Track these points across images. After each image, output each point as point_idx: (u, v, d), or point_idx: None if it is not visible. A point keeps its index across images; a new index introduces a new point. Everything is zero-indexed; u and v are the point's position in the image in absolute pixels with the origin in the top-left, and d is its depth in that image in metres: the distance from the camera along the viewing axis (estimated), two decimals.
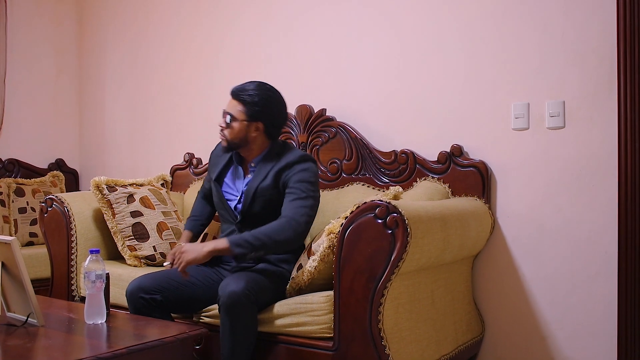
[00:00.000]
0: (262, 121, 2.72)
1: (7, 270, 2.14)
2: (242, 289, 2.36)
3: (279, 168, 2.67)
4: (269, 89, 2.75)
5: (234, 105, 2.72)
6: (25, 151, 4.81)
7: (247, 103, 2.69)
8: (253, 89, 2.71)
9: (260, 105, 2.70)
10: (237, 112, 2.70)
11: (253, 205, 2.69)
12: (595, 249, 2.78)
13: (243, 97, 2.70)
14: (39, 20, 4.89)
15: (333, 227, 2.39)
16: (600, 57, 2.76)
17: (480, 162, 3.01)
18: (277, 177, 2.67)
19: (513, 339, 2.99)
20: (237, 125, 2.70)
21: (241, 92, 2.71)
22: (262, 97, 2.70)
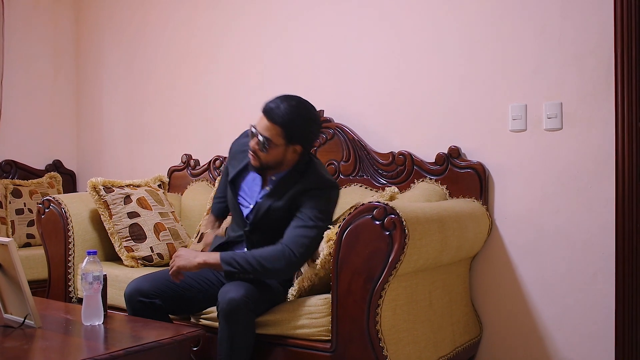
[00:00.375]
0: (301, 144, 2.53)
1: (5, 272, 2.14)
2: (242, 297, 2.35)
3: (297, 192, 2.51)
4: (305, 107, 2.52)
5: (269, 127, 2.46)
6: (23, 152, 4.80)
7: (286, 126, 2.46)
8: (290, 110, 2.46)
9: (300, 127, 2.49)
10: (274, 136, 2.46)
11: (263, 220, 2.58)
12: (593, 250, 2.79)
13: (281, 120, 2.45)
14: (37, 21, 4.89)
15: (332, 233, 2.38)
16: (598, 59, 2.76)
17: (477, 163, 3.01)
18: (293, 201, 2.52)
19: (511, 341, 2.99)
20: (274, 150, 2.50)
21: (278, 113, 2.45)
22: (301, 118, 2.48)
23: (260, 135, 2.48)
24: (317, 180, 2.55)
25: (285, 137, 2.48)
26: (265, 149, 2.48)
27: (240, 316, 2.35)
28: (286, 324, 2.44)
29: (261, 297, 2.45)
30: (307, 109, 2.52)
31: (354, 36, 3.49)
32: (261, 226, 2.60)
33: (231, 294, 2.36)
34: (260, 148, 2.49)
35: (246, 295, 2.36)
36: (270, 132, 2.47)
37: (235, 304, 2.34)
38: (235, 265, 2.44)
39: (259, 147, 2.50)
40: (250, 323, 2.41)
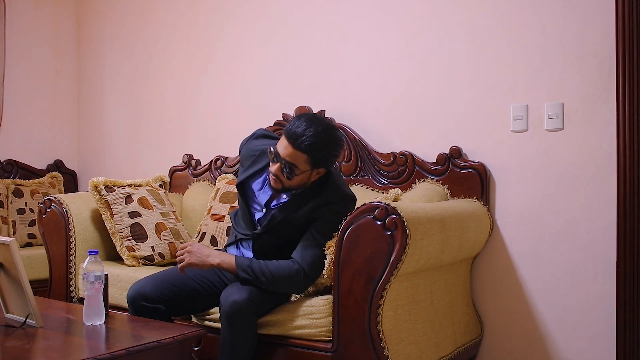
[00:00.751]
0: (325, 166, 2.48)
1: (6, 271, 2.14)
2: (244, 299, 2.34)
3: (316, 205, 2.46)
4: (331, 132, 2.42)
5: (295, 155, 2.37)
6: (24, 152, 4.81)
7: (313, 154, 2.38)
8: (317, 136, 2.35)
9: (326, 152, 2.41)
10: (300, 163, 2.38)
11: (276, 229, 2.53)
12: (594, 250, 2.79)
13: (308, 148, 2.35)
14: (38, 21, 4.89)
15: (333, 241, 2.38)
16: (599, 59, 2.76)
17: (479, 163, 3.01)
18: (311, 212, 2.46)
19: (512, 341, 2.99)
20: (299, 177, 2.43)
21: (305, 141, 2.35)
22: (328, 145, 2.40)
23: (285, 162, 2.39)
24: (335, 194, 2.49)
25: (311, 164, 2.41)
26: (290, 177, 2.41)
27: (242, 318, 2.35)
28: (287, 324, 2.44)
29: (264, 299, 2.45)
30: (332, 134, 2.42)
31: (355, 36, 3.49)
32: (271, 233, 2.55)
33: (234, 296, 2.35)
34: (286, 175, 2.41)
35: (249, 297, 2.36)
36: (297, 159, 2.38)
37: (238, 306, 2.34)
38: (251, 273, 2.42)
39: (283, 174, 2.41)
40: (252, 325, 2.41)
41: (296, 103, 3.61)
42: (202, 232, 3.40)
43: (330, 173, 2.54)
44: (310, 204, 2.47)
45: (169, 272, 2.66)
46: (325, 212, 2.44)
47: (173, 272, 2.65)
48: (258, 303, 2.40)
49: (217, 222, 3.36)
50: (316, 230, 2.44)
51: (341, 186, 2.54)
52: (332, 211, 2.43)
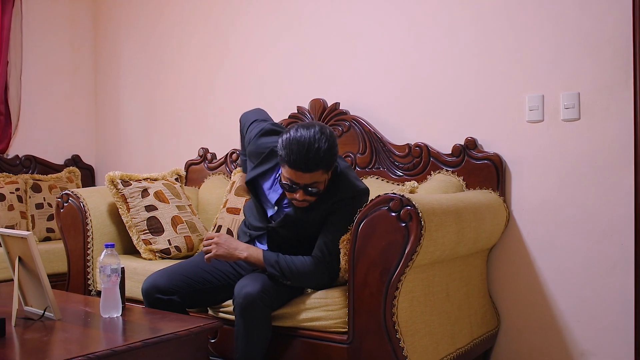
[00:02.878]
0: (335, 163, 2.46)
1: (24, 265, 2.16)
2: (258, 292, 2.35)
3: (330, 201, 2.45)
4: (325, 136, 2.36)
5: (312, 176, 2.34)
6: (42, 147, 4.84)
7: (325, 165, 2.36)
8: (319, 150, 2.31)
9: (332, 155, 2.38)
10: (319, 177, 2.37)
11: (291, 226, 2.53)
12: (611, 241, 2.76)
13: (320, 165, 2.34)
14: (54, 17, 4.92)
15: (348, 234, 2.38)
16: (616, 48, 2.73)
17: (494, 154, 3.00)
18: (326, 208, 2.46)
19: (528, 332, 2.98)
20: (321, 187, 2.41)
21: (313, 161, 2.32)
22: (330, 149, 2.35)
23: (306, 186, 2.37)
24: (349, 189, 2.48)
25: (326, 171, 2.39)
26: (317, 194, 2.41)
27: (256, 311, 2.36)
28: (302, 316, 2.45)
29: (278, 291, 2.46)
30: (327, 134, 2.37)
31: (369, 28, 3.48)
32: (286, 229, 2.55)
33: (247, 288, 2.36)
34: (311, 195, 2.40)
35: (262, 290, 2.36)
36: (314, 178, 2.36)
37: (252, 298, 2.34)
38: (278, 269, 2.43)
39: (309, 195, 2.40)
40: (266, 318, 2.42)
41: (311, 96, 3.61)
42: (218, 225, 3.41)
43: (339, 168, 2.52)
44: (325, 201, 2.45)
45: (183, 264, 2.68)
46: (341, 205, 2.44)
47: (187, 264, 2.68)
48: (272, 295, 2.41)
49: (233, 215, 3.37)
50: (334, 225, 2.44)
51: (354, 180, 2.52)
52: (348, 204, 2.43)
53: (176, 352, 2.04)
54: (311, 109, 3.57)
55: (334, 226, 2.44)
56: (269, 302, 2.40)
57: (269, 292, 2.39)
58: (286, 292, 2.51)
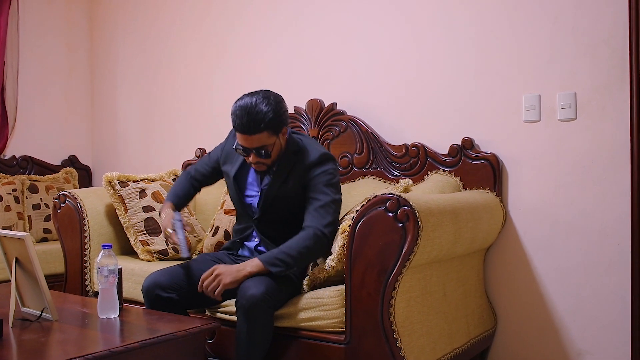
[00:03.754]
0: (284, 124, 2.58)
1: (22, 266, 2.16)
2: (262, 294, 2.35)
3: (300, 170, 2.60)
4: (268, 97, 2.53)
5: (258, 138, 2.49)
6: (39, 148, 4.84)
7: (269, 125, 2.49)
8: (260, 113, 2.47)
9: (278, 116, 2.52)
10: (266, 140, 2.51)
11: (273, 206, 2.66)
12: (608, 241, 2.77)
13: (263, 124, 2.47)
14: (51, 18, 4.92)
15: (346, 225, 2.38)
16: (612, 48, 2.74)
17: (491, 154, 3.00)
18: (299, 179, 2.60)
19: (525, 332, 2.98)
20: (274, 148, 2.57)
21: (257, 121, 2.46)
22: (274, 110, 2.50)
23: (255, 150, 2.53)
24: (315, 155, 2.62)
25: (274, 133, 2.53)
26: (268, 155, 2.55)
27: (259, 312, 2.36)
28: (300, 316, 2.45)
29: (280, 292, 2.47)
30: (270, 98, 2.52)
31: (367, 28, 3.49)
32: (270, 213, 2.67)
33: (251, 290, 2.36)
34: (264, 157, 2.56)
35: (266, 292, 2.36)
36: (261, 141, 2.51)
37: (255, 300, 2.34)
38: (280, 263, 2.45)
39: (261, 157, 2.56)
40: (269, 319, 2.42)
41: (308, 96, 3.61)
42: (215, 226, 3.41)
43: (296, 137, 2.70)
44: (294, 169, 2.61)
45: (184, 264, 2.69)
46: (313, 176, 2.58)
47: (187, 265, 2.69)
48: (275, 297, 2.41)
49: (230, 217, 3.37)
50: (313, 194, 2.57)
51: (315, 146, 2.68)
52: (319, 173, 2.58)
53: (174, 352, 2.05)
54: (308, 109, 3.57)
55: (314, 193, 2.56)
56: (272, 304, 2.41)
57: (272, 294, 2.39)
58: (287, 292, 2.52)
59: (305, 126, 3.57)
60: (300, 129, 3.58)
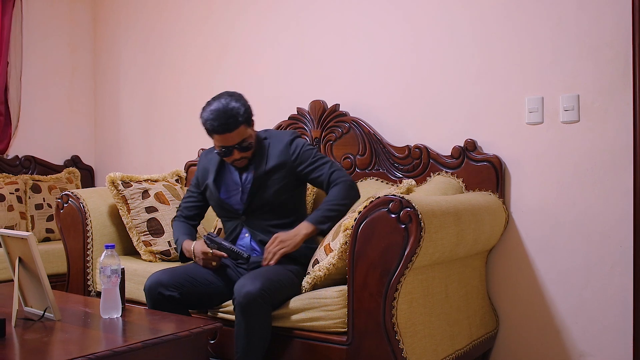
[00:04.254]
0: (251, 114, 2.78)
1: (24, 266, 2.17)
2: (258, 290, 2.36)
3: (276, 149, 2.79)
4: (234, 95, 2.74)
5: (238, 133, 2.68)
6: (41, 148, 4.85)
7: (245, 118, 2.70)
8: (235, 105, 2.68)
9: (247, 108, 2.74)
10: (245, 133, 2.72)
11: (263, 191, 2.76)
12: (610, 242, 2.77)
13: (239, 120, 2.67)
14: (54, 18, 4.93)
15: (348, 223, 2.39)
16: (615, 51, 2.74)
17: (494, 156, 3.00)
18: (278, 156, 2.78)
19: (527, 334, 2.98)
20: (251, 140, 2.76)
21: (232, 117, 2.66)
22: (243, 103, 2.72)
23: (237, 146, 2.70)
24: (283, 134, 2.87)
25: (248, 125, 2.74)
26: (250, 147, 2.75)
27: (256, 309, 2.37)
28: (302, 316, 2.45)
29: (279, 287, 2.47)
30: (235, 96, 2.73)
31: (369, 29, 3.49)
32: (257, 200, 2.77)
33: (247, 287, 2.37)
34: (245, 151, 2.74)
35: (262, 288, 2.37)
36: (241, 134, 2.69)
37: (252, 297, 2.35)
38: (326, 220, 2.64)
39: (244, 151, 2.74)
40: (266, 316, 2.42)
41: (310, 97, 3.61)
42: (218, 227, 3.41)
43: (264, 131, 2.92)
44: (271, 151, 2.79)
45: (187, 266, 2.72)
46: (298, 152, 2.78)
47: (189, 265, 2.72)
48: (272, 293, 2.42)
49: None
50: (315, 164, 2.78)
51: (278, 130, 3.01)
52: (303, 149, 2.80)
53: (176, 353, 2.05)
54: (311, 110, 3.57)
55: (315, 163, 2.78)
56: (269, 300, 2.41)
57: (269, 290, 2.40)
58: (286, 288, 2.53)
59: (308, 127, 3.57)
60: (303, 130, 3.58)
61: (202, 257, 2.70)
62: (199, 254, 2.71)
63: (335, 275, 2.49)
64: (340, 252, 2.40)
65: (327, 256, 2.50)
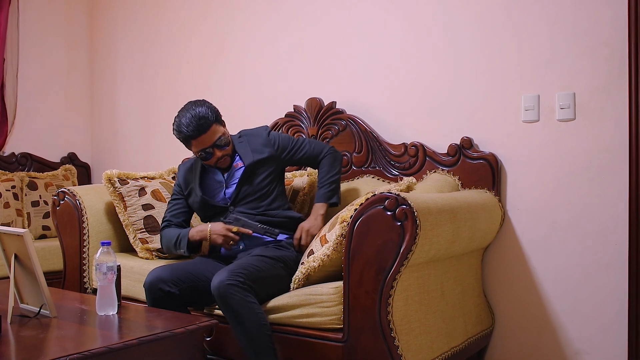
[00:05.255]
0: (221, 116, 2.94)
1: (20, 263, 2.17)
2: (227, 277, 2.40)
3: (256, 142, 2.99)
4: (198, 101, 2.92)
5: (212, 133, 2.83)
6: (38, 145, 4.85)
7: (215, 117, 2.86)
8: (202, 109, 2.84)
9: (214, 109, 2.90)
10: (219, 132, 2.87)
11: (252, 180, 2.91)
12: (606, 241, 2.78)
13: (210, 120, 2.83)
14: (51, 15, 4.92)
15: (346, 215, 2.38)
16: (611, 49, 2.74)
17: (490, 154, 3.01)
18: (267, 148, 2.97)
19: (523, 331, 2.99)
20: (227, 136, 2.92)
21: (204, 121, 2.81)
22: (209, 106, 2.89)
23: (215, 145, 2.85)
24: (258, 128, 3.08)
25: (220, 123, 2.89)
26: (227, 143, 2.90)
27: (233, 295, 2.38)
28: (297, 312, 2.46)
29: (253, 273, 2.49)
30: (199, 102, 2.91)
31: (366, 27, 3.49)
32: (245, 192, 2.90)
33: (217, 278, 2.42)
34: (224, 148, 2.89)
35: (231, 274, 2.41)
36: (216, 132, 2.85)
37: (224, 286, 2.38)
38: (331, 193, 2.94)
39: (223, 149, 2.89)
40: (247, 298, 2.41)
41: (307, 95, 3.61)
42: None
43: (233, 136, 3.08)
44: (251, 145, 2.97)
45: (186, 262, 2.76)
46: (277, 140, 3.01)
47: (188, 262, 2.75)
48: (246, 277, 2.43)
49: None
50: (296, 146, 3.02)
51: (250, 128, 3.12)
52: (277, 135, 3.03)
53: (172, 350, 2.05)
54: (307, 107, 3.58)
55: (295, 146, 3.03)
56: (245, 282, 2.42)
57: (241, 274, 2.42)
58: (266, 273, 2.55)
59: (305, 125, 3.57)
60: (299, 127, 3.58)
61: (224, 234, 2.75)
62: (221, 230, 2.76)
63: (330, 267, 2.48)
64: (336, 243, 2.40)
65: (322, 247, 2.50)
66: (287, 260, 2.69)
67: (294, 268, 2.66)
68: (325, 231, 2.58)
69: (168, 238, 2.95)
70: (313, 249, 2.57)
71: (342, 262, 2.40)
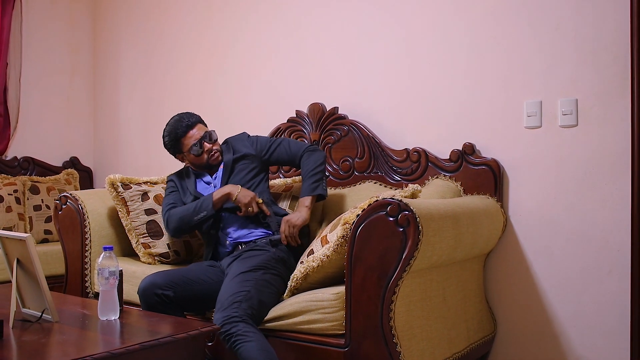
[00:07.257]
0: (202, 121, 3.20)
1: (22, 267, 2.17)
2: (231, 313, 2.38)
3: (241, 145, 3.15)
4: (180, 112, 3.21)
5: (198, 130, 3.10)
6: (40, 149, 4.85)
7: (197, 119, 3.14)
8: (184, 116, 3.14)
9: (195, 115, 3.18)
10: (204, 127, 3.14)
11: (234, 176, 3.06)
12: (608, 247, 2.77)
13: (194, 118, 3.13)
14: (54, 19, 4.93)
15: (349, 217, 2.37)
16: (614, 55, 2.75)
17: (492, 160, 3.01)
18: (246, 149, 3.12)
19: (525, 337, 2.98)
20: (216, 135, 3.17)
21: (189, 119, 3.11)
22: (190, 114, 3.17)
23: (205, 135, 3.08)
24: (240, 137, 3.23)
25: (204, 124, 3.16)
26: (216, 136, 3.13)
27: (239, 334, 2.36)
28: (299, 319, 2.45)
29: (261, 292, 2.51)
30: (180, 113, 3.19)
31: (368, 33, 3.49)
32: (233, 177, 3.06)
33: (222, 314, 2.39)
34: (215, 140, 3.11)
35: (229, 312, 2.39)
36: (203, 129, 3.11)
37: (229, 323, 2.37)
38: (316, 185, 2.98)
39: (214, 141, 3.12)
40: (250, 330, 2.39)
41: (309, 100, 3.62)
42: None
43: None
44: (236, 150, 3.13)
45: (180, 268, 2.77)
46: (257, 142, 3.17)
47: (183, 268, 2.78)
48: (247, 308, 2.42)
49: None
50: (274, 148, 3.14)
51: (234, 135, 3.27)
52: (256, 139, 3.19)
53: (173, 355, 2.05)
54: (310, 113, 3.58)
55: (274, 147, 3.14)
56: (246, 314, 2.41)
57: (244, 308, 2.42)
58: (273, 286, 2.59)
59: (307, 130, 3.57)
60: (302, 132, 3.59)
61: (252, 196, 2.93)
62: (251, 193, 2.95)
63: (329, 268, 2.48)
64: (336, 245, 2.40)
65: (322, 247, 2.50)
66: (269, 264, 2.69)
67: (276, 267, 2.70)
68: (327, 231, 2.57)
69: (181, 211, 3.04)
70: (313, 249, 2.57)
71: (341, 265, 2.41)
